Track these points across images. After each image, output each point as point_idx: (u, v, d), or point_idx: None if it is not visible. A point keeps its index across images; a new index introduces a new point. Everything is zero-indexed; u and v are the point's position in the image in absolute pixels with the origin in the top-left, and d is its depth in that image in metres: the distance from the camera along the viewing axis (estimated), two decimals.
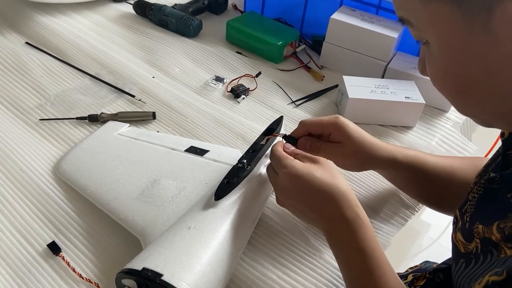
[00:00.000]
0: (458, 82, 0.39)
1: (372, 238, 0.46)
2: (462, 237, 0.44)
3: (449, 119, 0.82)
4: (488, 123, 0.42)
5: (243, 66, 0.92)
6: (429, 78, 0.42)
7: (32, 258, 0.53)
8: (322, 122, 0.55)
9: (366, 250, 0.45)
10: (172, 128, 0.74)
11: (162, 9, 1.00)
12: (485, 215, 0.42)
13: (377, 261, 0.45)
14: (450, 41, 0.37)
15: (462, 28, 0.36)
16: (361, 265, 0.45)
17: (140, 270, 0.42)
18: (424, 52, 0.43)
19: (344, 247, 0.47)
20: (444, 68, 0.40)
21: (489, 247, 0.39)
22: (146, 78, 0.85)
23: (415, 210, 0.65)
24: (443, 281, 0.58)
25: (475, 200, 0.45)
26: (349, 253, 0.46)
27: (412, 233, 1.68)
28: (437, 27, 0.37)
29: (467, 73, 0.38)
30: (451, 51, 0.38)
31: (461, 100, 0.41)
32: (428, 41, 0.40)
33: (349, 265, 0.47)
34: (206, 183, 0.58)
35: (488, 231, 0.40)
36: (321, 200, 0.48)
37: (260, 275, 0.53)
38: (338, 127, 0.55)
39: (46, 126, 0.72)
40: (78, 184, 0.61)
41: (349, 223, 0.46)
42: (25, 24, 0.96)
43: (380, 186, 0.67)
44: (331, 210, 0.48)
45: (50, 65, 0.85)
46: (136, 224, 0.53)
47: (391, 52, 0.86)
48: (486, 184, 0.44)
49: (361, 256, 0.45)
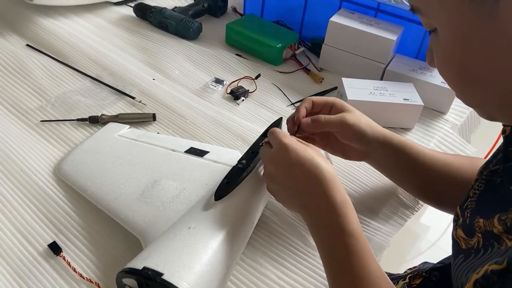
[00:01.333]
0: (463, 70, 0.40)
1: (358, 223, 0.46)
2: (463, 233, 0.44)
3: (448, 121, 0.83)
4: (492, 116, 0.43)
5: (243, 68, 0.92)
6: (436, 68, 0.43)
7: (33, 258, 0.54)
8: (324, 97, 0.59)
9: (353, 233, 0.45)
10: (172, 129, 0.75)
11: (162, 12, 1.01)
12: (486, 209, 0.42)
13: (362, 244, 0.45)
14: (458, 26, 0.38)
15: (469, 13, 0.36)
16: (348, 247, 0.45)
17: (141, 269, 0.43)
18: (432, 42, 0.44)
19: (331, 230, 0.46)
20: (450, 55, 0.40)
21: (491, 241, 0.39)
22: (146, 80, 0.85)
23: (415, 210, 0.65)
24: (439, 280, 0.58)
25: (476, 196, 0.45)
26: (336, 235, 0.46)
27: (412, 236, 1.69)
28: (446, 13, 0.38)
29: (472, 60, 0.39)
30: (458, 37, 0.39)
31: (465, 89, 0.42)
32: (436, 28, 0.41)
33: (333, 247, 0.46)
34: (206, 184, 0.58)
35: (489, 224, 0.40)
36: (311, 180, 0.48)
37: (259, 275, 0.54)
38: (339, 100, 0.59)
39: (47, 127, 0.73)
40: (78, 185, 0.61)
41: (337, 206, 0.46)
42: (26, 26, 0.97)
43: (379, 186, 0.67)
44: (319, 191, 0.47)
45: (51, 67, 0.86)
46: (137, 224, 0.54)
47: (390, 55, 0.86)
48: (488, 176, 0.45)
49: (348, 239, 0.45)
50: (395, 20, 0.90)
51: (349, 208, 0.47)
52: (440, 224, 1.72)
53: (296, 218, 0.61)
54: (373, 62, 0.87)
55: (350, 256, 0.44)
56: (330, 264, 0.46)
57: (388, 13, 0.90)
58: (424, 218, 1.74)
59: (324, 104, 0.59)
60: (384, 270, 0.45)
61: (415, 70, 0.85)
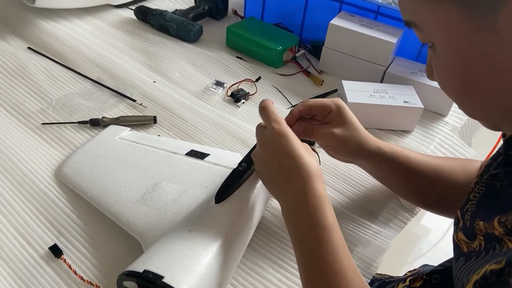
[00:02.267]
0: (464, 83, 0.40)
1: (334, 218, 0.46)
2: (465, 236, 0.44)
3: (447, 123, 0.83)
4: (495, 126, 0.43)
5: (243, 71, 0.92)
6: (436, 82, 0.43)
7: (34, 260, 0.54)
8: (323, 100, 0.57)
9: (328, 225, 0.45)
10: (173, 132, 0.75)
11: (163, 15, 1.01)
12: (486, 212, 0.42)
13: (336, 238, 0.45)
14: (456, 41, 0.38)
15: (467, 28, 0.36)
16: (321, 239, 0.44)
17: (141, 272, 0.43)
18: (431, 56, 0.43)
19: (306, 222, 0.46)
20: (450, 69, 0.40)
21: (493, 243, 0.39)
22: (147, 82, 0.86)
23: (414, 213, 0.65)
24: (440, 283, 0.59)
25: (476, 199, 0.45)
26: (310, 227, 0.46)
27: (412, 238, 1.69)
28: (443, 28, 0.38)
29: (473, 73, 0.38)
30: (457, 51, 0.38)
31: (467, 102, 0.42)
32: (434, 43, 0.40)
33: (307, 238, 0.46)
34: (207, 187, 0.58)
35: (489, 226, 0.40)
36: (296, 168, 0.48)
37: (260, 278, 0.54)
38: (339, 106, 0.56)
39: (48, 130, 0.73)
40: (79, 187, 0.61)
41: (318, 198, 0.46)
42: (27, 29, 0.97)
43: (379, 189, 0.67)
44: (302, 182, 0.47)
45: (52, 70, 0.86)
46: (137, 226, 0.54)
47: (390, 57, 0.87)
48: (488, 180, 0.45)
49: (323, 231, 0.45)
50: (395, 22, 0.90)
51: (327, 203, 0.47)
52: (441, 226, 1.72)
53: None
54: (373, 64, 0.87)
55: (323, 248, 0.44)
56: (302, 255, 0.46)
57: (388, 16, 0.91)
58: (425, 220, 1.74)
59: (322, 109, 0.57)
60: (385, 272, 0.46)
61: (415, 72, 0.85)
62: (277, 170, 0.49)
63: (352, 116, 0.57)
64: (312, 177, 0.47)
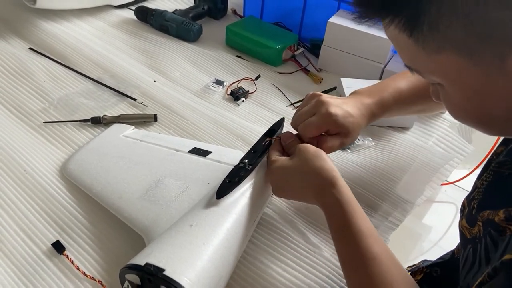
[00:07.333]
0: (480, 117, 0.40)
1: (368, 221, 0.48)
2: (467, 223, 0.45)
3: (446, 120, 0.83)
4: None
5: (243, 70, 0.93)
6: None
7: (37, 257, 0.54)
8: (318, 125, 0.56)
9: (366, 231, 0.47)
10: (173, 130, 0.75)
11: (163, 15, 1.02)
12: (493, 200, 0.43)
13: None
14: (467, 85, 0.38)
15: (477, 73, 0.36)
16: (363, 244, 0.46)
17: (143, 265, 0.43)
18: (437, 89, 0.43)
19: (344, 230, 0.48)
20: (464, 108, 0.41)
21: (488, 229, 0.39)
22: (148, 82, 0.86)
23: (410, 209, 0.65)
24: (440, 275, 0.59)
25: (484, 187, 0.46)
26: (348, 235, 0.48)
27: (413, 236, 1.69)
28: (450, 75, 0.38)
29: (489, 106, 0.39)
30: (470, 94, 0.39)
31: (485, 128, 0.42)
32: (441, 84, 0.40)
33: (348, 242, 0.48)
34: (209, 183, 0.59)
35: (493, 214, 0.40)
36: (324, 187, 0.50)
37: (260, 272, 0.54)
38: (331, 121, 0.56)
39: (50, 129, 0.73)
40: (84, 184, 0.62)
41: (346, 205, 0.48)
42: (29, 30, 0.98)
43: (377, 184, 0.68)
44: (331, 197, 0.49)
45: (53, 70, 0.87)
46: (140, 222, 0.55)
47: (388, 55, 0.87)
48: (496, 168, 0.45)
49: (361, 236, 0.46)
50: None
51: (355, 205, 0.49)
52: (442, 224, 1.72)
53: (297, 216, 0.61)
54: (372, 62, 0.88)
55: (361, 239, 0.46)
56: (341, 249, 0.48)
57: None
58: (426, 218, 1.74)
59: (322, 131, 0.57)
60: None
61: None
62: (302, 198, 0.54)
63: (343, 115, 0.56)
64: (339, 189, 0.49)
